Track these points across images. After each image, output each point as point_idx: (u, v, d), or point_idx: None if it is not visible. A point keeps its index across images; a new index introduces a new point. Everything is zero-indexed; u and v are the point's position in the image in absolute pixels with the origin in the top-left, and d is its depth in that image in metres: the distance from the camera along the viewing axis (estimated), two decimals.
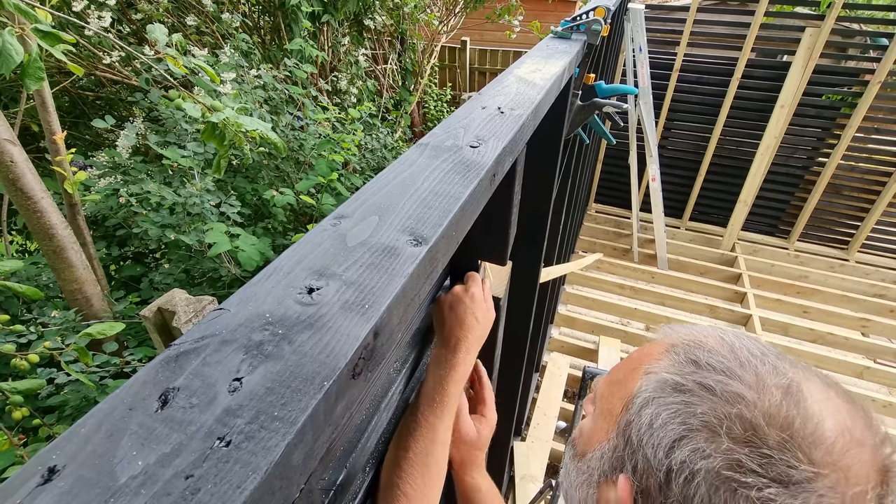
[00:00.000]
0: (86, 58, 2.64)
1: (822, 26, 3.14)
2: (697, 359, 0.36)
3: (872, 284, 3.62)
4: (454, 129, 0.57)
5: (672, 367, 0.37)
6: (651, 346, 0.42)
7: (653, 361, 0.39)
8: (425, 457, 0.54)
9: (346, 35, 3.95)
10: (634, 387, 0.39)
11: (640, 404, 0.37)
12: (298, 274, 0.32)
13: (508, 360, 1.39)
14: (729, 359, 0.35)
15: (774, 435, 0.31)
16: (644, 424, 0.36)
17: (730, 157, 3.83)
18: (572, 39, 1.12)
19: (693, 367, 0.36)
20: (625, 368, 0.43)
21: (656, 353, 0.40)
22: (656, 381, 0.37)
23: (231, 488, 0.20)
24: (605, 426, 0.41)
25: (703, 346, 0.38)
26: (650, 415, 0.36)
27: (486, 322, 0.64)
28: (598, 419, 0.43)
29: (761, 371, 0.34)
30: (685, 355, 0.37)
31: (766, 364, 0.35)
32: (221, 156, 1.50)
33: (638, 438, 0.36)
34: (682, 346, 0.39)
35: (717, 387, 0.34)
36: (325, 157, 2.79)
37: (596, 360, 2.92)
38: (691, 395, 0.34)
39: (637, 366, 0.41)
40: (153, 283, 2.32)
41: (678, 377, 0.36)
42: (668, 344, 0.40)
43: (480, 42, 7.30)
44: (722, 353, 0.36)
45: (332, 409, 0.26)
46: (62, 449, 0.21)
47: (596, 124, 1.54)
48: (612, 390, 0.43)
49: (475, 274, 0.70)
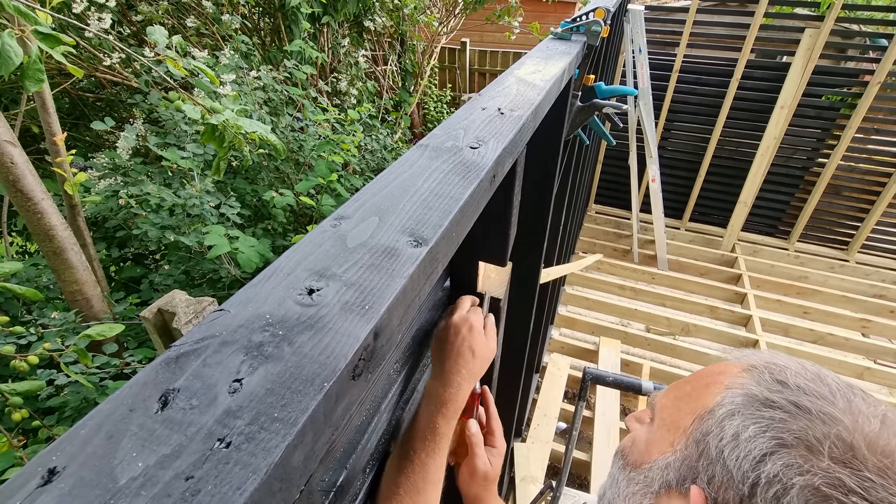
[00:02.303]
0: (86, 59, 2.64)
1: (821, 27, 3.15)
2: (786, 379, 0.36)
3: (872, 285, 3.62)
4: (454, 130, 0.57)
5: (758, 384, 0.37)
6: (724, 366, 0.41)
7: (731, 379, 0.39)
8: (415, 495, 0.53)
9: (345, 36, 3.95)
10: (710, 401, 0.38)
11: (723, 416, 0.36)
12: (298, 275, 0.32)
13: (508, 360, 1.39)
14: (818, 384, 0.35)
15: (875, 461, 0.30)
16: (727, 436, 0.35)
17: (730, 157, 3.83)
18: (572, 41, 1.13)
19: (781, 386, 0.36)
20: (693, 383, 0.43)
21: (734, 371, 0.39)
22: (743, 394, 0.36)
23: (231, 489, 0.20)
24: (668, 438, 0.41)
25: (787, 369, 0.37)
26: (736, 426, 0.35)
27: (483, 356, 0.62)
28: (658, 430, 0.43)
29: (853, 399, 0.34)
30: (770, 375, 0.37)
31: (856, 395, 0.34)
32: (221, 157, 1.50)
33: (718, 449, 0.35)
34: (765, 367, 0.38)
35: (813, 407, 0.33)
36: (325, 159, 2.79)
37: (596, 361, 2.92)
38: (784, 412, 0.34)
39: (710, 382, 0.40)
40: (153, 285, 2.32)
41: (768, 393, 0.35)
42: (748, 364, 0.40)
43: (480, 43, 7.31)
44: (808, 377, 0.36)
45: (333, 411, 0.26)
46: (62, 450, 0.21)
47: (596, 125, 1.54)
48: (678, 404, 0.42)
49: (476, 300, 0.69)
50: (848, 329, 3.35)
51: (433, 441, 0.57)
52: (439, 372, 0.61)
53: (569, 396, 2.85)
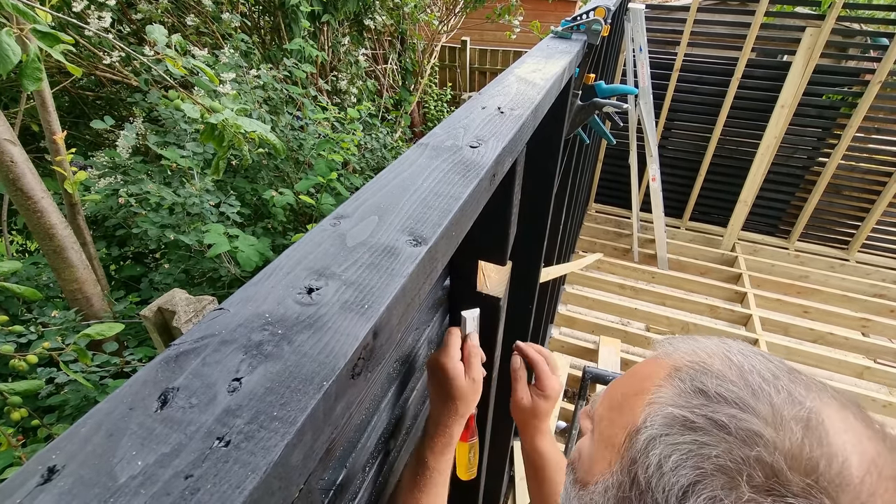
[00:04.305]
0: (86, 58, 2.64)
1: (822, 26, 3.14)
2: (705, 388, 0.34)
3: (873, 284, 3.62)
4: (454, 129, 0.57)
5: (678, 397, 0.35)
6: (652, 367, 0.40)
7: (655, 388, 0.37)
8: None
9: (345, 35, 3.95)
10: (637, 417, 0.37)
11: (646, 441, 0.35)
12: (298, 274, 0.32)
13: (509, 359, 1.38)
14: (739, 385, 0.34)
15: (798, 481, 0.29)
16: (652, 465, 0.34)
17: (730, 157, 3.83)
18: (572, 39, 1.12)
19: (702, 398, 0.34)
20: (624, 390, 0.41)
21: (658, 376, 0.38)
22: (663, 416, 0.35)
23: (230, 488, 0.20)
24: (606, 456, 0.40)
25: (709, 370, 0.36)
26: (659, 455, 0.33)
27: (464, 398, 0.60)
28: (598, 445, 0.42)
29: (776, 401, 0.32)
30: (691, 383, 0.35)
31: (781, 391, 0.33)
32: (220, 157, 1.50)
33: (646, 480, 0.34)
34: (687, 371, 0.37)
35: (731, 423, 0.32)
36: (325, 157, 2.79)
37: (596, 361, 2.92)
38: (703, 433, 0.32)
39: (638, 391, 0.39)
40: (153, 283, 2.32)
41: (687, 412, 0.34)
42: (671, 367, 0.38)
43: (480, 42, 7.31)
44: (731, 377, 0.34)
45: (332, 410, 0.26)
46: (62, 449, 0.21)
47: (596, 124, 1.54)
48: (611, 416, 0.41)
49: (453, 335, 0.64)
50: (848, 328, 3.35)
51: (424, 477, 0.58)
52: (431, 409, 0.62)
53: (569, 395, 2.85)
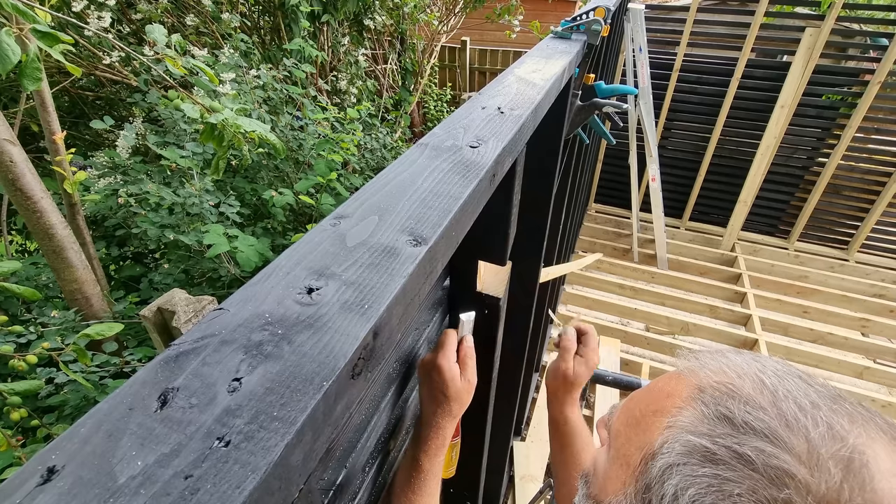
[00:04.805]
0: (85, 58, 2.64)
1: (822, 26, 3.14)
2: (731, 415, 0.31)
3: (872, 284, 3.62)
4: (454, 129, 0.57)
5: (700, 423, 0.32)
6: (674, 384, 0.37)
7: (676, 410, 0.34)
8: None
9: (345, 35, 3.95)
10: (654, 438, 0.34)
11: (663, 468, 0.32)
12: (298, 274, 0.32)
13: (508, 359, 1.39)
14: (771, 414, 0.30)
15: None
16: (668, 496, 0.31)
17: (730, 157, 3.83)
18: (572, 39, 1.12)
19: (727, 426, 0.30)
20: (643, 406, 0.38)
21: (680, 395, 0.35)
22: (682, 444, 0.32)
23: (230, 488, 0.20)
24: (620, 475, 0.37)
25: (737, 394, 0.32)
26: (675, 486, 0.31)
27: (458, 398, 0.60)
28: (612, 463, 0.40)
29: (813, 435, 0.28)
30: (716, 407, 0.32)
31: (820, 424, 0.29)
32: (220, 157, 1.50)
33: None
34: (712, 393, 0.33)
35: (758, 459, 0.28)
36: (325, 157, 2.79)
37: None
38: (726, 467, 0.29)
39: (658, 408, 0.36)
40: (153, 283, 2.32)
41: (708, 441, 0.30)
42: (695, 386, 0.34)
43: (480, 42, 7.30)
44: (762, 403, 0.31)
45: (332, 410, 0.26)
46: (61, 449, 0.21)
47: (596, 124, 1.54)
48: (628, 433, 0.38)
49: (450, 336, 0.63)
50: (847, 328, 3.35)
51: (417, 479, 0.59)
52: (422, 411, 0.62)
53: None
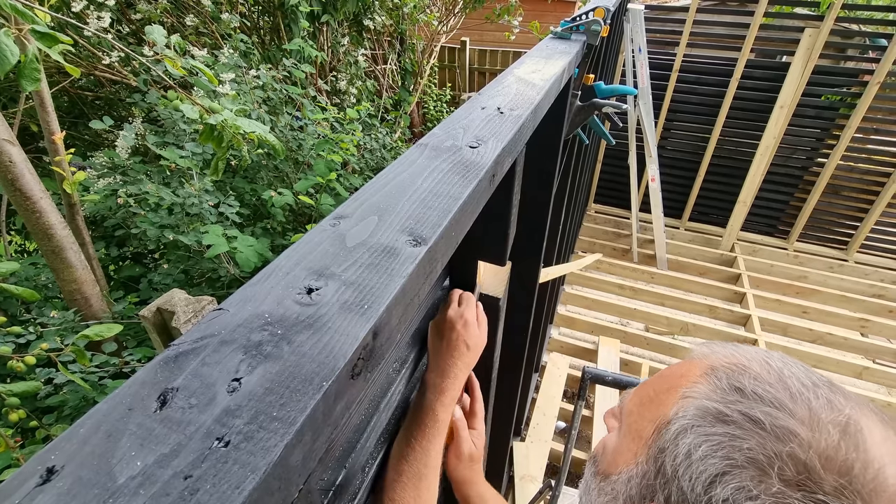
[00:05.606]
0: (85, 58, 2.64)
1: (821, 27, 3.15)
2: (742, 386, 0.34)
3: (871, 285, 3.63)
4: (454, 129, 0.57)
5: (713, 393, 0.35)
6: (687, 366, 0.40)
7: (690, 384, 0.37)
8: (417, 481, 0.56)
9: (345, 35, 3.94)
10: (669, 410, 0.37)
11: (677, 431, 0.35)
12: (298, 274, 0.32)
13: (508, 360, 1.39)
14: (777, 388, 0.33)
15: (831, 480, 0.28)
16: (681, 454, 0.34)
17: (729, 157, 3.84)
18: (572, 40, 1.12)
19: (737, 395, 0.33)
20: (656, 387, 0.41)
21: (694, 374, 0.38)
22: (696, 407, 0.35)
23: (230, 488, 0.20)
24: (632, 447, 0.40)
25: (747, 371, 0.35)
26: (689, 444, 0.33)
27: (476, 349, 0.66)
28: (624, 438, 0.42)
29: (815, 405, 0.31)
30: (728, 381, 0.35)
31: (820, 397, 0.32)
32: (219, 157, 1.50)
33: (673, 468, 0.34)
34: (724, 370, 0.36)
35: (766, 420, 0.31)
36: (324, 158, 2.78)
37: (595, 361, 2.92)
38: (736, 426, 0.32)
39: (672, 386, 0.39)
40: (152, 284, 2.32)
41: (721, 405, 0.33)
42: (708, 366, 0.37)
43: (480, 42, 7.31)
44: (769, 380, 0.34)
45: (331, 410, 0.26)
46: (61, 449, 0.21)
47: (595, 125, 1.54)
48: (641, 410, 0.41)
49: (470, 295, 0.70)
50: (847, 329, 3.35)
51: (433, 428, 0.60)
52: (437, 364, 0.64)
53: (568, 396, 2.85)
